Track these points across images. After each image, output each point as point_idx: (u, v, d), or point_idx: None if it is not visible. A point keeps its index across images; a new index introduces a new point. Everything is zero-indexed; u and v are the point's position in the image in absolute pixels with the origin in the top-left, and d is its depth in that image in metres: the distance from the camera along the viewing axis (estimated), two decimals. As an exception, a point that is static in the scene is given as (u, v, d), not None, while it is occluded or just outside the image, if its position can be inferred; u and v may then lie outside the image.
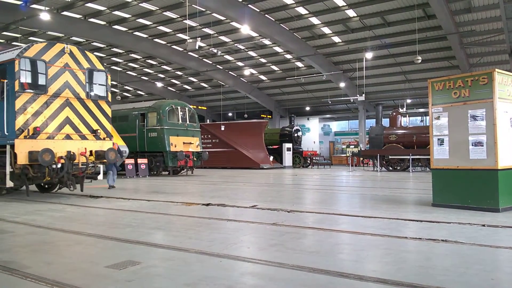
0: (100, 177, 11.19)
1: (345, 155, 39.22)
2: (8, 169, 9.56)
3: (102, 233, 5.91)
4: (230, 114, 47.34)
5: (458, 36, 24.20)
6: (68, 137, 10.29)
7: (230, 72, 37.36)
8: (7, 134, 9.58)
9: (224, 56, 33.39)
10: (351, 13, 24.38)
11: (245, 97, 41.13)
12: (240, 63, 35.08)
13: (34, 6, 22.67)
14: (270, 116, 44.00)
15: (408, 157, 23.63)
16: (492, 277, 3.79)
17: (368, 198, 10.64)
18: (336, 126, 47.09)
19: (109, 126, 11.34)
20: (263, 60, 34.08)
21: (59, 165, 9.85)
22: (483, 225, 6.25)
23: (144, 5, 24.13)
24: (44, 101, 9.91)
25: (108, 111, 11.41)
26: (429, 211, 7.76)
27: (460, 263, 4.26)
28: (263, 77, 38.49)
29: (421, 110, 36.65)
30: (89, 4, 23.95)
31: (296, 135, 32.28)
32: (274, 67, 35.75)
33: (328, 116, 44.65)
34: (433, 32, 25.13)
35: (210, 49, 27.33)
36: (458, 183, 7.97)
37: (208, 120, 46.47)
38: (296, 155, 31.81)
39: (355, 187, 14.23)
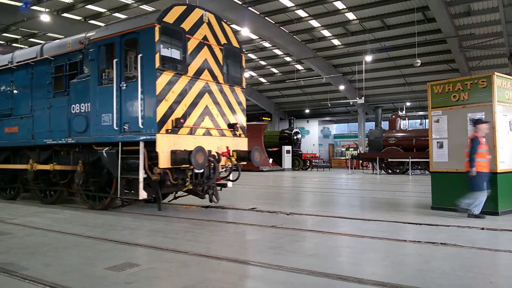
0: (230, 184, 8.98)
1: (345, 157, 39.21)
2: (142, 174, 7.15)
3: (101, 235, 5.90)
4: (229, 116, 47.28)
5: (458, 40, 24.23)
6: (207, 132, 8.04)
7: (230, 75, 37.36)
8: (141, 127, 7.21)
9: (224, 58, 33.41)
10: (350, 16, 24.42)
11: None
12: (240, 66, 35.09)
13: (34, 7, 22.69)
14: (270, 119, 43.97)
15: (408, 160, 23.63)
16: (491, 281, 3.79)
17: (367, 201, 10.63)
18: (335, 128, 47.09)
19: (244, 120, 9.14)
20: (263, 63, 34.11)
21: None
22: (482, 229, 6.25)
23: (144, 7, 24.16)
24: (184, 84, 7.61)
25: (243, 100, 9.14)
26: (428, 214, 7.76)
27: (459, 266, 4.25)
28: (262, 80, 38.51)
29: (421, 113, 36.63)
30: (89, 6, 23.97)
31: (295, 137, 32.28)
32: (274, 70, 35.77)
33: (327, 118, 44.65)
34: (432, 35, 25.18)
35: (210, 51, 27.31)
36: (458, 186, 7.96)
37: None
38: (295, 158, 31.80)
39: (355, 190, 14.22)
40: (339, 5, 23.19)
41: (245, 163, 8.70)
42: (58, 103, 8.91)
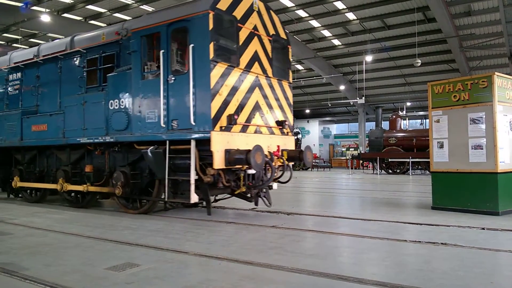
0: (275, 186, 8.44)
1: (345, 158, 39.21)
2: (193, 176, 6.60)
3: (101, 235, 5.90)
4: (230, 117, 47.25)
5: (458, 40, 24.23)
6: (258, 130, 7.49)
7: (230, 75, 37.38)
8: (193, 124, 6.65)
9: (224, 58, 33.42)
10: (351, 16, 24.43)
11: (245, 99, 41.13)
12: (240, 66, 35.11)
13: (34, 8, 22.71)
14: (270, 119, 43.99)
15: (408, 160, 23.63)
16: (492, 281, 3.79)
17: (367, 201, 10.63)
18: (336, 128, 47.11)
19: (291, 117, 8.60)
20: (263, 63, 34.14)
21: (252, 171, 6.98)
22: (483, 229, 6.24)
23: (145, 7, 24.17)
24: (237, 77, 7.05)
25: (290, 96, 8.60)
26: (428, 214, 7.76)
27: (459, 266, 4.25)
28: (263, 80, 38.53)
29: (421, 113, 36.65)
30: (90, 6, 23.99)
31: (296, 137, 32.26)
32: (274, 70, 35.80)
33: (328, 118, 44.66)
34: (433, 35, 25.18)
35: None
36: (458, 186, 7.97)
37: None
38: (296, 158, 31.78)
39: (355, 190, 14.21)
40: (339, 5, 23.19)
41: (293, 163, 8.16)
42: (92, 98, 8.31)
